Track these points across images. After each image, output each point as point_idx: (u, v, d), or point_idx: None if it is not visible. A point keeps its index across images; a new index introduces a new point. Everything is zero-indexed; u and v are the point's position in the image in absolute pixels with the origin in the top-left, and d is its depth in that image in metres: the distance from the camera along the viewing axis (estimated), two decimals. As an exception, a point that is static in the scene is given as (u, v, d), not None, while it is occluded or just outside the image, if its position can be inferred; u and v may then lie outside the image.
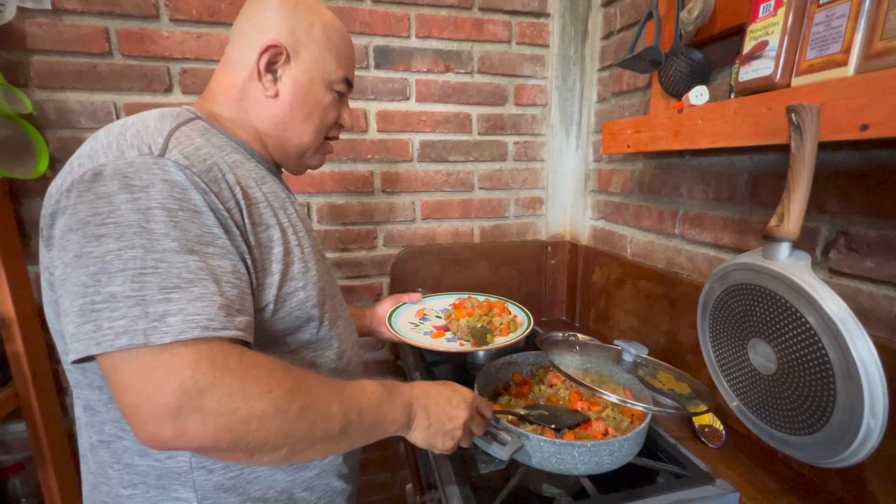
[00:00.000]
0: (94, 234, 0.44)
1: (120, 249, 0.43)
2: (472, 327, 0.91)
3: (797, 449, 0.59)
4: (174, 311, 0.43)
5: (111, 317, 0.42)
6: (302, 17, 0.63)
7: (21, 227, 1.09)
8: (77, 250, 0.44)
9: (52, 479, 1.13)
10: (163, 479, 0.57)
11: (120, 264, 0.43)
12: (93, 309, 0.42)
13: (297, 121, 0.66)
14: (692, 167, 0.96)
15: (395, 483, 1.55)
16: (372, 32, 1.22)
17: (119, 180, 0.45)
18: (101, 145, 0.49)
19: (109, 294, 0.42)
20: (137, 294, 0.43)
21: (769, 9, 0.63)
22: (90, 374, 0.54)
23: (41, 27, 1.02)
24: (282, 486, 0.63)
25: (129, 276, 0.43)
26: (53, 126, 1.07)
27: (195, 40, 1.11)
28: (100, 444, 0.58)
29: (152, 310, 0.42)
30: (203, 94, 0.67)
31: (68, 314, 0.44)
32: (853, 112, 0.52)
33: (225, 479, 0.59)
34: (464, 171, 1.38)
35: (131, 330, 0.42)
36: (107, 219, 0.44)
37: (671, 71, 0.87)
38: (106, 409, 0.56)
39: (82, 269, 0.43)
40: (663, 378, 0.80)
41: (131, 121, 0.52)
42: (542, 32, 1.35)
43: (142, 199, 0.45)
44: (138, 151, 0.47)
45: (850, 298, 0.66)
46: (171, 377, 0.42)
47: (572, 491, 0.75)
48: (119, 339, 0.41)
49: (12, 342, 1.05)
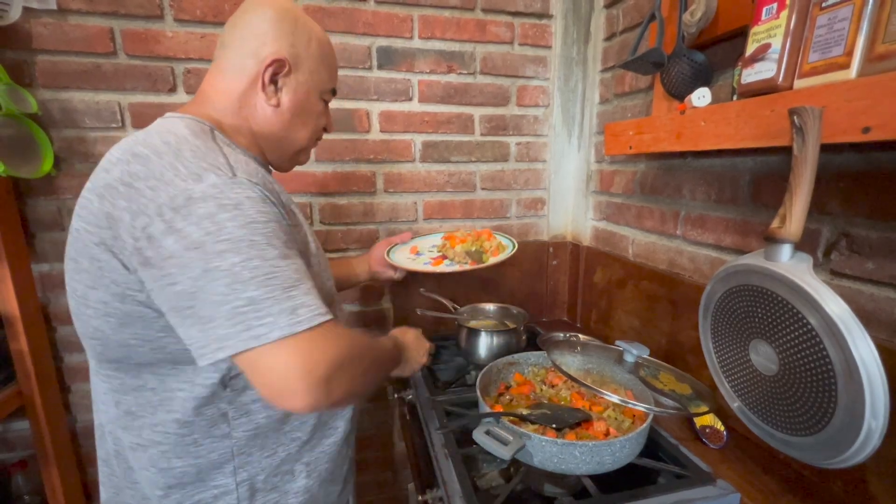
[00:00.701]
0: (215, 251, 0.49)
1: (243, 261, 0.50)
2: (468, 251, 1.02)
3: (798, 450, 0.59)
4: (300, 305, 0.52)
5: (258, 316, 0.49)
6: (301, 33, 0.67)
7: (25, 226, 1.09)
8: (204, 266, 0.49)
9: (54, 476, 1.13)
10: (202, 473, 0.63)
11: (248, 273, 0.50)
12: (239, 312, 0.49)
13: (296, 127, 0.72)
14: (694, 168, 0.96)
15: (396, 482, 1.55)
16: (375, 33, 1.22)
17: (213, 202, 0.51)
18: (165, 166, 0.53)
19: (249, 299, 0.49)
20: (271, 296, 0.50)
21: (772, 11, 0.63)
22: (145, 376, 0.59)
23: (46, 27, 1.02)
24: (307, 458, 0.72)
25: (259, 282, 0.50)
26: (58, 125, 1.07)
27: (199, 40, 1.11)
28: (137, 448, 0.62)
29: (286, 306, 0.51)
30: (196, 98, 0.69)
31: (210, 322, 0.50)
32: (855, 114, 0.52)
33: (262, 458, 0.66)
34: (466, 171, 1.39)
35: (279, 325, 0.50)
36: (220, 237, 0.50)
37: (673, 72, 0.87)
38: (149, 413, 0.60)
39: (217, 282, 0.49)
40: (664, 379, 0.80)
41: (170, 138, 0.56)
42: (545, 34, 1.35)
43: (239, 216, 0.51)
44: (215, 174, 0.53)
45: (852, 300, 0.66)
46: (319, 354, 0.52)
47: (573, 491, 0.75)
48: (272, 333, 0.49)
49: (16, 340, 1.05)
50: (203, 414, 0.61)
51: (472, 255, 1.00)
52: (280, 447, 0.68)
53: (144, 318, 0.55)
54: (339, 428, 0.76)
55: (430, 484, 0.79)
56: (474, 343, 1.10)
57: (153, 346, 0.57)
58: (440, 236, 1.18)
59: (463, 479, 0.71)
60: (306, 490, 0.71)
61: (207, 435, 0.62)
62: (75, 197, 1.10)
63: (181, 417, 0.60)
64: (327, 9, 1.18)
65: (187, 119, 0.62)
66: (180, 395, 0.60)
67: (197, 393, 0.60)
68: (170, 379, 0.60)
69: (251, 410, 0.64)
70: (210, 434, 0.62)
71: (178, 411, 0.60)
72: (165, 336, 0.56)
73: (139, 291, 0.54)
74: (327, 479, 0.76)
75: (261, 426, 0.65)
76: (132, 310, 0.55)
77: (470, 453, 0.79)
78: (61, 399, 1.18)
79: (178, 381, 0.60)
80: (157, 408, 0.60)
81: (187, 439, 0.61)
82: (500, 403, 0.88)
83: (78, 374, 1.21)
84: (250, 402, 0.64)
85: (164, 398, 0.60)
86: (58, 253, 1.13)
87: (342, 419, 0.77)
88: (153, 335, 0.56)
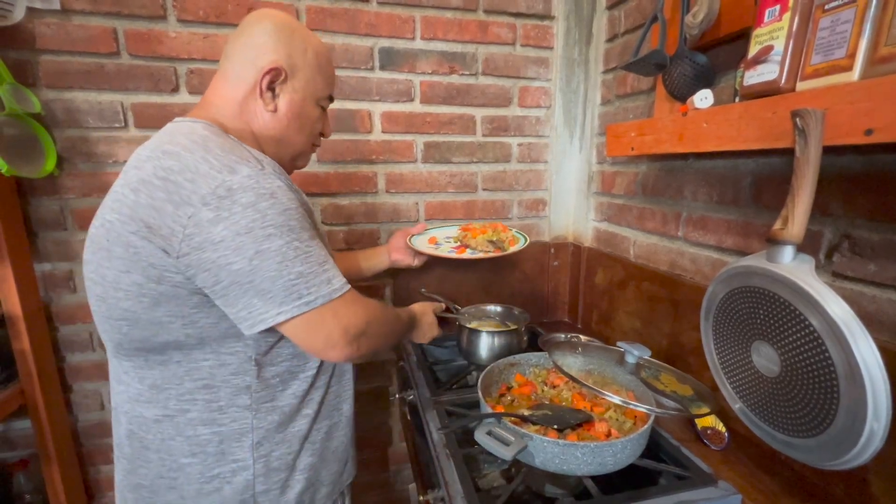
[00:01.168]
0: (264, 234, 0.59)
1: (287, 243, 0.61)
2: (491, 241, 1.11)
3: (800, 451, 0.59)
4: (332, 277, 0.65)
5: (307, 286, 0.62)
6: (298, 44, 0.73)
7: (28, 226, 1.09)
8: (256, 248, 0.58)
9: (56, 475, 1.13)
10: (223, 444, 0.69)
11: (293, 253, 0.61)
12: (293, 285, 0.61)
13: (293, 131, 0.76)
14: (696, 170, 0.96)
15: (396, 482, 1.55)
16: (377, 34, 1.23)
17: (251, 192, 0.59)
18: (198, 160, 0.59)
19: (298, 273, 0.61)
20: (312, 270, 0.62)
21: (774, 14, 0.63)
22: (170, 352, 0.65)
23: (50, 27, 1.03)
24: (314, 437, 0.78)
25: (302, 259, 0.62)
26: (61, 125, 1.07)
27: (202, 41, 1.11)
28: (163, 419, 0.68)
29: (324, 277, 0.64)
30: (201, 104, 0.73)
31: (269, 293, 0.60)
32: (858, 117, 0.52)
33: (277, 434, 0.72)
34: (467, 172, 1.39)
35: (322, 294, 0.63)
36: (265, 223, 0.59)
37: (676, 74, 0.87)
38: (175, 385, 0.67)
39: (269, 261, 0.59)
40: (666, 380, 0.80)
41: (194, 136, 0.63)
42: (547, 35, 1.36)
43: (276, 204, 0.61)
44: (247, 166, 0.61)
45: (854, 302, 0.66)
46: (353, 316, 0.67)
47: (575, 491, 0.75)
48: (317, 300, 0.63)
49: (19, 339, 1.05)
50: (228, 382, 0.68)
51: (496, 244, 1.08)
52: (292, 424, 0.74)
53: (178, 296, 0.61)
54: (344, 410, 0.84)
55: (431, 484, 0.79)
56: (475, 344, 1.10)
57: (185, 321, 0.63)
58: (456, 228, 1.24)
59: (464, 480, 0.71)
60: (311, 468, 0.76)
61: (231, 403, 0.68)
62: (78, 197, 1.11)
63: (209, 382, 0.67)
64: (330, 10, 1.18)
65: (200, 122, 0.67)
66: (205, 364, 0.67)
67: (223, 361, 0.67)
68: (196, 352, 0.66)
69: (271, 385, 0.71)
70: (234, 403, 0.69)
71: (205, 378, 0.67)
72: (198, 312, 0.63)
73: (177, 273, 0.60)
74: (331, 459, 0.81)
75: (278, 403, 0.72)
76: (167, 290, 0.61)
77: (471, 454, 0.79)
78: (63, 398, 1.18)
79: (203, 353, 0.66)
80: (184, 378, 0.66)
81: (213, 405, 0.68)
82: (502, 404, 0.88)
83: (80, 374, 1.21)
84: (271, 378, 0.70)
85: (190, 369, 0.66)
86: (60, 252, 1.13)
87: (347, 401, 0.84)
88: (187, 311, 0.63)
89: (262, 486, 0.71)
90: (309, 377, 0.75)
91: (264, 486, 0.71)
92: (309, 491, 0.77)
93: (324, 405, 0.78)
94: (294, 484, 0.74)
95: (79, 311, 1.17)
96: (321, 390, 0.78)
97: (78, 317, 1.17)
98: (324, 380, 0.78)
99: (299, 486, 0.75)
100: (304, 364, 0.74)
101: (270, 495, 0.72)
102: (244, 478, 0.70)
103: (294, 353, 0.72)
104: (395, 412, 1.48)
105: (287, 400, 0.72)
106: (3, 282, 1.02)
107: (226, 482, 0.69)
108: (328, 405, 0.80)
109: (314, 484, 0.78)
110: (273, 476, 0.72)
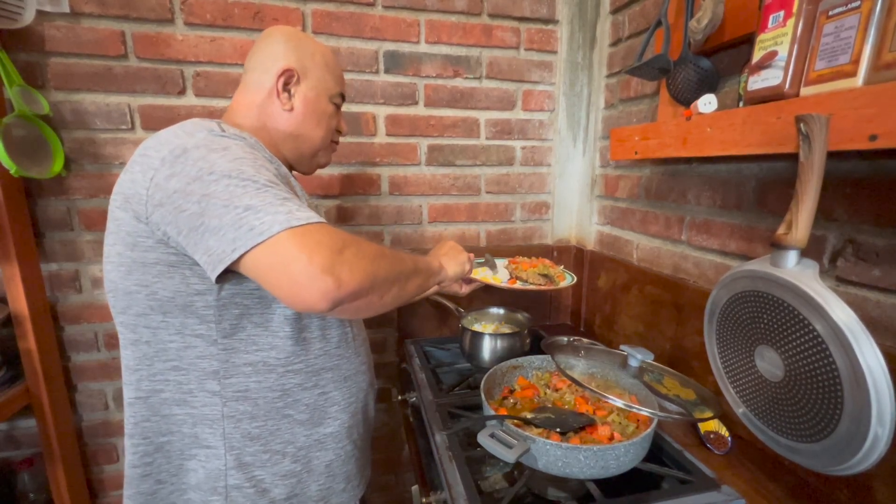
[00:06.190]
0: (210, 179, 0.56)
1: (236, 181, 0.56)
2: (542, 275, 1.13)
3: (804, 456, 0.59)
4: (295, 209, 0.56)
5: (258, 217, 0.55)
6: (306, 48, 0.79)
7: (35, 226, 1.10)
8: (204, 190, 0.56)
9: (60, 474, 1.14)
10: (196, 427, 0.68)
11: (241, 190, 0.56)
12: (241, 218, 0.55)
13: (310, 127, 0.81)
14: (699, 174, 0.96)
15: (399, 485, 1.55)
16: (382, 38, 1.23)
17: (204, 148, 0.59)
18: (167, 136, 0.62)
19: (246, 206, 0.55)
20: (267, 202, 0.56)
21: (778, 19, 0.64)
22: (140, 330, 0.66)
23: (59, 30, 1.04)
24: (301, 443, 0.74)
25: (253, 194, 0.56)
26: (69, 127, 1.08)
27: (209, 44, 1.12)
28: (135, 402, 0.68)
29: (282, 209, 0.55)
30: (224, 115, 0.80)
31: (220, 230, 0.55)
32: (862, 122, 0.52)
33: (251, 428, 0.70)
34: (471, 174, 1.39)
35: (278, 221, 0.54)
36: (214, 167, 0.57)
37: (679, 78, 0.88)
38: (146, 366, 0.67)
39: (215, 200, 0.55)
40: (669, 384, 0.80)
41: (179, 126, 0.65)
42: (551, 39, 1.36)
43: (227, 154, 0.59)
44: (207, 131, 0.62)
45: (858, 307, 0.66)
46: (318, 244, 0.55)
47: (577, 495, 0.75)
48: (273, 228, 0.54)
49: (25, 339, 1.06)
50: (195, 365, 0.67)
51: (548, 278, 1.13)
52: (270, 422, 0.71)
53: (145, 263, 0.62)
54: (339, 418, 0.78)
55: (434, 486, 0.79)
56: (478, 346, 1.10)
57: (148, 291, 0.64)
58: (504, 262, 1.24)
59: (467, 482, 0.71)
60: (293, 475, 0.73)
61: (201, 388, 0.68)
62: (85, 197, 1.12)
63: (178, 364, 0.67)
64: (335, 13, 1.19)
65: (211, 121, 0.70)
66: (172, 346, 0.66)
67: (188, 343, 0.66)
68: (161, 332, 0.66)
69: (244, 373, 0.69)
70: (203, 387, 0.68)
71: (173, 360, 0.67)
72: (158, 281, 0.63)
73: (148, 238, 0.61)
74: (323, 472, 0.76)
75: (250, 391, 0.69)
76: (138, 256, 0.62)
77: (474, 456, 0.79)
78: (68, 398, 1.18)
79: (168, 333, 0.66)
80: (154, 359, 0.67)
81: (184, 387, 0.68)
82: (504, 407, 0.88)
83: (84, 373, 1.22)
84: (243, 365, 0.69)
85: (158, 350, 0.67)
86: (66, 253, 1.14)
87: (343, 410, 0.78)
88: (149, 280, 0.63)
89: (234, 481, 0.69)
90: (290, 372, 0.71)
91: (237, 480, 0.69)
92: (294, 501, 0.73)
93: (313, 408, 0.74)
94: (272, 489, 0.71)
95: (84, 311, 1.18)
96: (310, 391, 0.73)
97: (83, 317, 1.18)
98: (312, 379, 0.73)
99: (280, 493, 0.72)
100: (283, 358, 0.70)
101: (245, 492, 0.70)
102: (216, 466, 0.69)
103: (271, 345, 0.69)
104: (397, 414, 1.49)
105: (263, 393, 0.70)
106: (10, 282, 1.03)
107: (201, 465, 0.69)
108: (317, 407, 0.75)
109: (298, 495, 0.74)
110: (245, 472, 0.70)
